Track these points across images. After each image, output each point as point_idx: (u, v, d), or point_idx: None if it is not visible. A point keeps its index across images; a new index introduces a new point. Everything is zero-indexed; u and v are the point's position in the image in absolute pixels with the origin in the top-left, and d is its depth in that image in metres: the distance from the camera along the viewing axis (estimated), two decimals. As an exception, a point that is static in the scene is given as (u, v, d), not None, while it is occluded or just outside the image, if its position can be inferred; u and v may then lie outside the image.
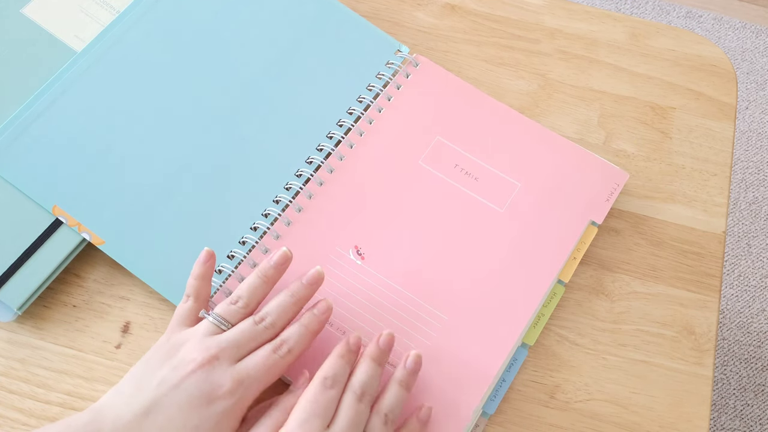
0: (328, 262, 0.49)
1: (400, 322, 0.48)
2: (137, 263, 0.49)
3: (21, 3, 0.54)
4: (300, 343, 0.44)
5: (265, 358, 0.43)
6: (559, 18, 0.63)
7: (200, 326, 0.44)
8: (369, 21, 0.59)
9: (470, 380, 0.46)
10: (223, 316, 0.44)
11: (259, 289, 0.45)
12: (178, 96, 0.53)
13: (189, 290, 0.45)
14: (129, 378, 0.42)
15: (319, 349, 0.47)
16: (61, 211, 0.49)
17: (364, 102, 0.55)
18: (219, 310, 0.44)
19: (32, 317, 0.49)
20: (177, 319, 0.45)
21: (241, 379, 0.42)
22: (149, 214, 0.50)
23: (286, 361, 0.43)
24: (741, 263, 1.28)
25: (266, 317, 0.44)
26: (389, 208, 0.51)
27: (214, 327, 0.44)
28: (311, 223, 0.51)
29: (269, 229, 0.50)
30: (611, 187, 0.53)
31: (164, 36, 0.55)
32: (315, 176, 0.52)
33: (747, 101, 1.44)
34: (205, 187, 0.51)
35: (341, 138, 0.54)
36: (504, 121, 0.55)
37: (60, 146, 0.50)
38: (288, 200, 0.51)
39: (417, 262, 0.50)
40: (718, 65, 0.62)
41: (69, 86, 0.52)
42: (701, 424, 0.48)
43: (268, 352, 0.43)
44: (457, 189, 0.52)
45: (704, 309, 0.52)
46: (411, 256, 0.50)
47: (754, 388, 1.18)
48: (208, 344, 0.42)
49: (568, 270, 0.51)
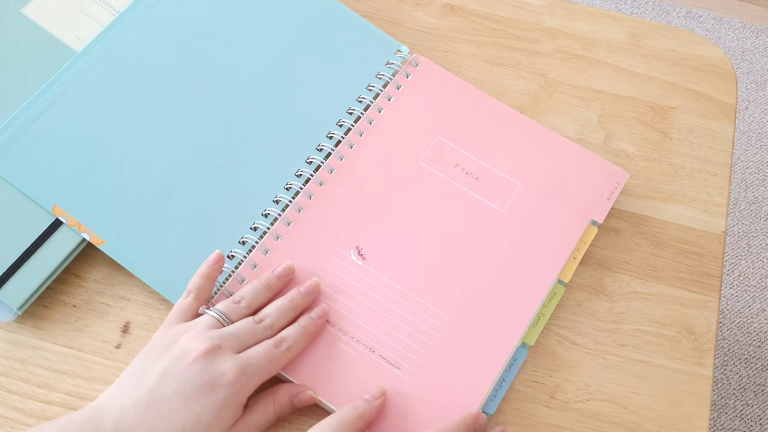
0: (329, 262, 0.49)
1: (401, 322, 0.48)
2: (137, 263, 0.49)
3: (21, 3, 0.54)
4: (299, 342, 0.45)
5: (267, 350, 0.44)
6: (559, 18, 0.63)
7: (200, 320, 0.44)
8: (369, 21, 0.59)
9: (472, 380, 0.46)
10: (225, 312, 0.45)
11: (261, 294, 0.47)
12: (178, 96, 0.53)
13: (191, 287, 0.46)
14: (127, 374, 0.43)
15: (320, 348, 0.47)
16: (61, 211, 0.49)
17: (364, 102, 0.55)
18: (221, 307, 0.45)
19: (32, 317, 0.49)
20: (176, 313, 0.45)
21: (244, 368, 0.42)
22: (149, 214, 0.50)
23: (286, 356, 0.44)
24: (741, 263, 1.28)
25: (265, 318, 0.45)
26: (390, 209, 0.51)
27: (215, 321, 0.44)
28: (312, 223, 0.51)
29: (269, 230, 0.50)
30: (612, 186, 0.53)
31: (164, 36, 0.55)
32: (315, 176, 0.52)
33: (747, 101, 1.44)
34: (205, 187, 0.51)
35: (341, 138, 0.54)
36: (504, 121, 0.55)
37: (60, 146, 0.50)
38: (288, 200, 0.51)
39: (418, 263, 0.50)
40: (718, 65, 0.62)
41: (69, 86, 0.52)
42: (701, 424, 0.48)
43: (269, 346, 0.44)
44: (458, 189, 0.52)
45: (704, 309, 0.52)
46: (412, 256, 0.50)
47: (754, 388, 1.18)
48: (211, 335, 0.43)
49: (568, 270, 0.51)
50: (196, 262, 0.48)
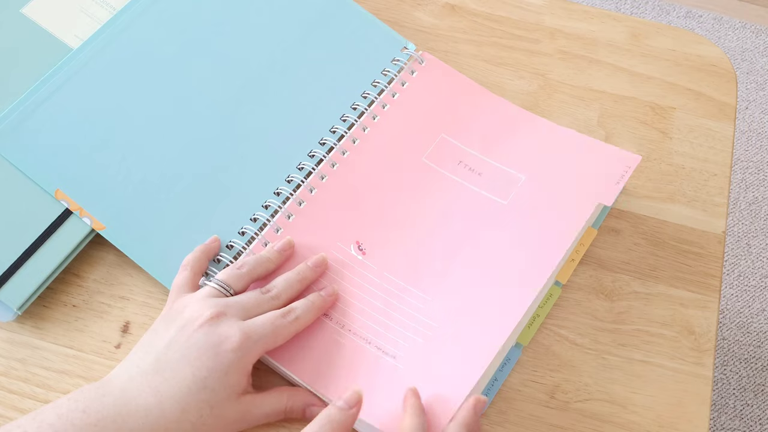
0: (329, 256, 0.49)
1: (400, 315, 0.48)
2: (137, 249, 0.49)
3: (21, 3, 0.55)
4: (306, 315, 0.45)
5: (274, 318, 0.44)
6: (559, 18, 0.63)
7: (201, 290, 0.45)
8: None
9: (461, 374, 0.46)
10: (226, 281, 0.45)
11: (263, 264, 0.47)
12: (183, 86, 0.54)
13: (186, 262, 0.47)
14: (136, 348, 0.43)
15: (316, 340, 0.47)
16: (63, 195, 0.49)
17: (369, 98, 0.56)
18: (221, 276, 0.46)
19: (32, 317, 0.49)
20: (175, 288, 0.46)
21: (249, 333, 0.42)
22: (151, 201, 0.50)
23: (294, 327, 0.44)
24: (741, 263, 1.28)
25: (272, 289, 0.46)
26: (391, 205, 0.51)
27: (216, 292, 0.45)
28: (313, 216, 0.51)
29: (270, 222, 0.50)
30: (623, 169, 0.52)
31: (171, 26, 0.55)
32: (318, 170, 0.52)
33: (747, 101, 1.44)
34: (207, 177, 0.51)
35: (345, 133, 0.54)
36: (508, 117, 0.55)
37: (64, 132, 0.51)
38: (289, 193, 0.51)
39: (418, 259, 0.50)
40: (718, 65, 0.62)
41: (74, 73, 0.52)
42: (701, 424, 0.48)
43: (276, 315, 0.44)
44: (461, 185, 0.52)
45: (704, 309, 0.52)
46: (412, 252, 0.50)
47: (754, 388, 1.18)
48: (215, 302, 0.43)
49: (566, 271, 0.51)
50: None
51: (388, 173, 0.53)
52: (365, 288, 0.49)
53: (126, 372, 0.42)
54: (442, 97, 0.56)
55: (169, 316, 0.44)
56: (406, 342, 0.47)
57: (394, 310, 0.48)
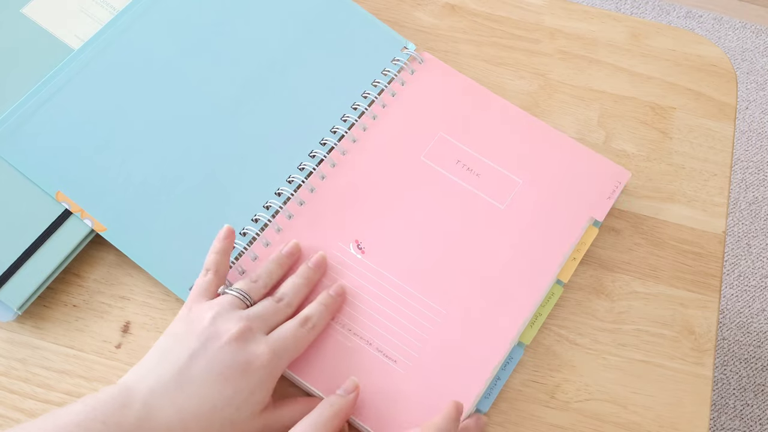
0: (329, 256, 0.50)
1: (398, 316, 0.48)
2: (139, 251, 0.49)
3: (21, 3, 0.55)
4: (322, 320, 0.46)
5: (295, 330, 0.44)
6: (559, 18, 0.63)
7: (223, 298, 0.45)
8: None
9: (466, 376, 0.46)
10: (246, 291, 0.45)
11: (275, 272, 0.47)
12: (184, 87, 0.54)
13: (208, 264, 0.46)
14: (154, 353, 0.42)
15: (317, 341, 0.47)
16: (64, 197, 0.49)
17: (369, 98, 0.56)
18: (241, 286, 0.46)
19: (32, 317, 0.49)
20: (197, 291, 0.45)
21: (275, 349, 0.43)
22: (152, 202, 0.50)
23: (312, 335, 0.45)
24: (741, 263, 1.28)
25: (284, 297, 0.46)
26: (390, 204, 0.52)
27: (238, 301, 0.45)
28: (313, 216, 0.51)
29: (271, 221, 0.50)
30: (613, 185, 0.53)
31: (172, 26, 0.55)
32: (318, 170, 0.52)
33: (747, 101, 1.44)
34: (209, 178, 0.51)
35: (345, 133, 0.54)
36: (508, 118, 0.56)
37: (64, 133, 0.51)
38: (290, 193, 0.51)
39: (417, 257, 0.50)
40: (718, 65, 0.62)
41: (75, 74, 0.52)
42: (701, 424, 0.48)
43: (296, 325, 0.44)
44: (459, 185, 0.52)
45: (704, 309, 0.52)
46: (411, 250, 0.50)
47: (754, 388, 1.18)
48: (240, 315, 0.43)
49: (568, 270, 0.51)
50: (197, 251, 0.48)
51: (387, 172, 0.53)
52: (365, 287, 0.49)
53: (144, 381, 0.41)
54: (442, 96, 0.56)
55: (190, 322, 0.43)
56: (407, 346, 0.47)
57: (393, 311, 0.48)
